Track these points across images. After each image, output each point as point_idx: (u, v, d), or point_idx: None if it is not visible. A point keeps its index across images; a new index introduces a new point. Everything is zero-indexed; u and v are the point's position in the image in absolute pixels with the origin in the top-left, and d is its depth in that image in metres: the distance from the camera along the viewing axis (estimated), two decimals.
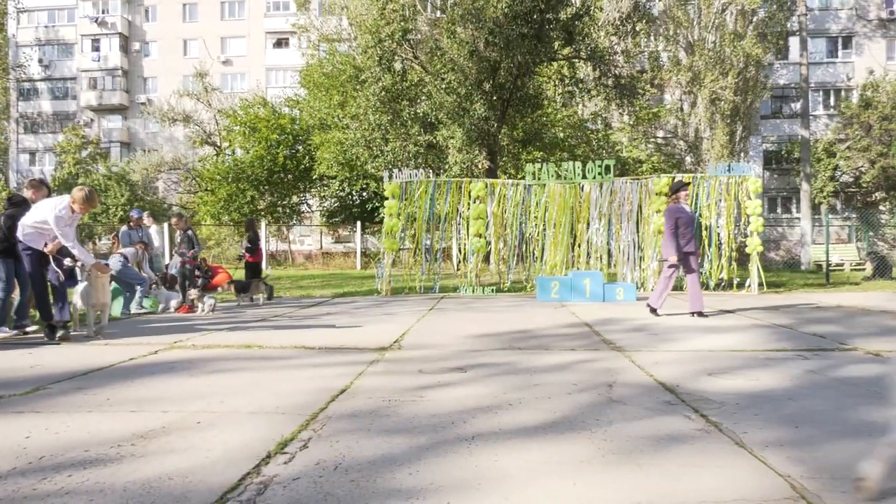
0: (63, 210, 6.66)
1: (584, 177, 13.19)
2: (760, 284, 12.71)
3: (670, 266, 8.32)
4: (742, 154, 30.74)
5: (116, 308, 9.35)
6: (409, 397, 3.99)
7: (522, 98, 20.44)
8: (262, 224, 26.95)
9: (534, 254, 13.92)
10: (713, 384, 4.28)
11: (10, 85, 43.65)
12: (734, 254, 13.22)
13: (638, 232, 13.27)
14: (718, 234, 13.07)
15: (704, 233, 13.04)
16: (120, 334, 7.21)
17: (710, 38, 29.46)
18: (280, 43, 45.33)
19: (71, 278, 7.92)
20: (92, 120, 46.68)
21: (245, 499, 2.40)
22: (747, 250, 12.84)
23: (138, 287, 9.88)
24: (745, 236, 13.24)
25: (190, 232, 10.97)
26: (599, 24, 21.72)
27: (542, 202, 13.54)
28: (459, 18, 18.20)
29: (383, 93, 20.34)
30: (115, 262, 9.48)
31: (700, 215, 13.02)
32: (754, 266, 12.66)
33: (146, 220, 11.85)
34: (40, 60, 46.70)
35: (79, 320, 7.47)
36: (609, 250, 13.51)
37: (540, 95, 22.29)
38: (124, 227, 10.93)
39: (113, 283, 8.63)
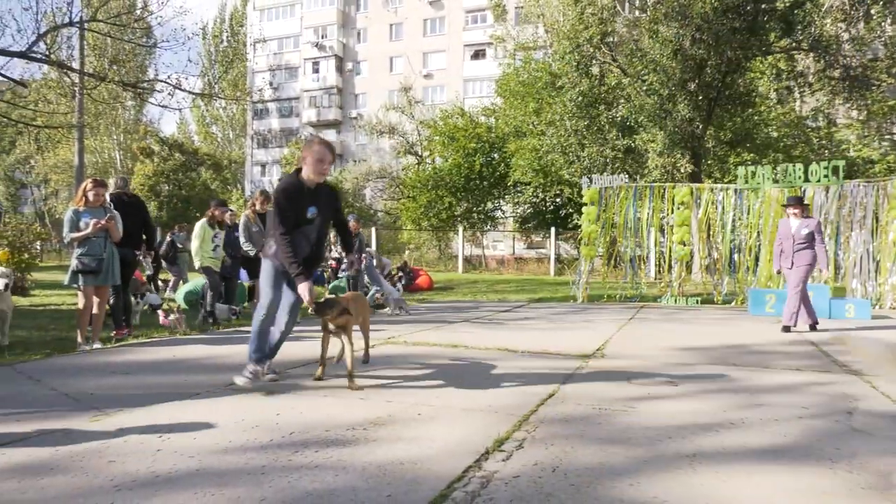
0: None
1: (806, 180, 11.95)
2: None
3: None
4: None
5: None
6: (619, 407, 3.91)
7: (731, 96, 19.07)
8: (459, 229, 27.93)
9: (745, 264, 12.85)
10: None
11: (248, 107, 50.01)
12: None
13: (873, 241, 11.70)
14: None
15: None
16: None
17: None
18: (477, 55, 46.78)
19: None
20: (311, 134, 51.95)
21: (470, 491, 2.52)
22: None
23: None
24: None
25: (361, 235, 11.77)
26: (824, 10, 19.51)
27: (755, 208, 12.48)
28: (663, 17, 17.42)
29: (580, 98, 20.17)
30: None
31: None
32: None
33: None
34: (271, 83, 53.02)
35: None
36: (837, 261, 12.05)
37: (751, 93, 20.61)
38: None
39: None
